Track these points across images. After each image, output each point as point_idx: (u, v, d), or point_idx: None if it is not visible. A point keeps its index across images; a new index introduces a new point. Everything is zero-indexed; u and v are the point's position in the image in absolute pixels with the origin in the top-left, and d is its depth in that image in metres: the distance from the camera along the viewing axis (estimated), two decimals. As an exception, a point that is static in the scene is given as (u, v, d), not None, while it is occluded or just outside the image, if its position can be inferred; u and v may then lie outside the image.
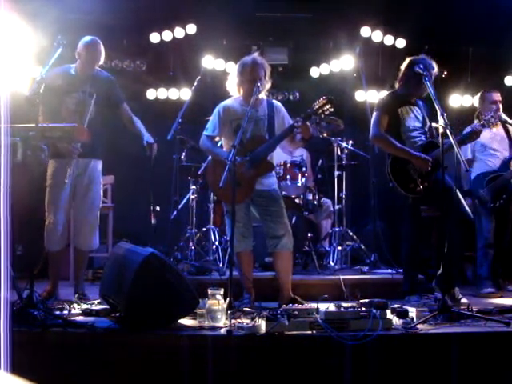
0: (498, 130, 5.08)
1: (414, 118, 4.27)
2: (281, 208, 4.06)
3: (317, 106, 3.97)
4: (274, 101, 4.29)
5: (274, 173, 4.24)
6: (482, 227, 4.96)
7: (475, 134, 4.23)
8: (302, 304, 3.41)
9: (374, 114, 4.29)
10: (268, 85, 4.13)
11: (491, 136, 5.04)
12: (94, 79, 4.13)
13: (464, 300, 4.05)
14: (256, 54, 4.20)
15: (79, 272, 4.22)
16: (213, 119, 4.19)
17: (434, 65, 4.25)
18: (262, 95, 4.15)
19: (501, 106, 5.00)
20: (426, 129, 4.29)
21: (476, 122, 5.00)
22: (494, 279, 4.91)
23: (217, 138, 4.27)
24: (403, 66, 4.31)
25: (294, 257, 4.58)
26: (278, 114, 4.15)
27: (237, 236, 3.95)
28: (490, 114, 4.40)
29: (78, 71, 4.11)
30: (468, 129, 4.47)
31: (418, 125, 4.28)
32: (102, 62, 4.21)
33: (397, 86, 4.36)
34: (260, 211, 4.07)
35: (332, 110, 3.98)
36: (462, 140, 4.24)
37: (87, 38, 4.12)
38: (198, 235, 5.55)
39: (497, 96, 5.02)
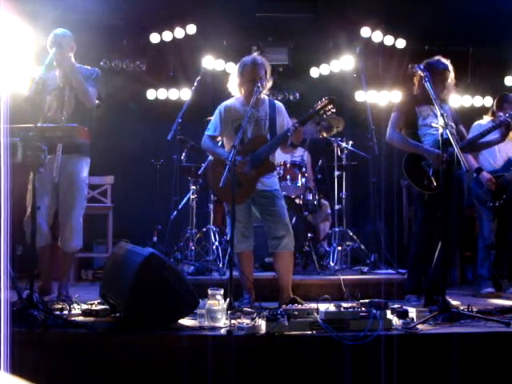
0: None
1: (433, 116, 4.15)
2: (282, 208, 4.06)
3: (319, 107, 3.97)
4: (276, 101, 4.28)
5: (275, 173, 4.24)
6: (483, 227, 4.97)
7: (508, 127, 4.14)
8: (302, 304, 3.41)
9: (392, 114, 4.31)
10: (269, 84, 4.12)
11: None
12: (71, 74, 4.02)
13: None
14: (256, 54, 4.19)
15: (63, 272, 4.15)
16: (214, 119, 4.19)
17: (446, 64, 4.21)
18: (264, 95, 4.15)
19: None
20: (448, 128, 4.18)
21: (489, 118, 5.01)
22: (496, 280, 4.92)
23: (218, 138, 4.27)
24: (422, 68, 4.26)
25: (294, 257, 4.58)
26: (279, 114, 4.15)
27: (237, 236, 3.95)
28: None
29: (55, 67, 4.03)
30: (489, 124, 4.44)
31: (436, 122, 4.15)
32: (71, 53, 4.06)
33: (416, 90, 4.31)
34: (261, 211, 4.07)
35: (334, 110, 3.99)
36: (487, 132, 4.19)
37: (55, 31, 4.01)
38: (198, 235, 5.55)
39: None
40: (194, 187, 5.66)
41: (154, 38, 6.53)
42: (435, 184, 4.04)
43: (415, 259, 4.26)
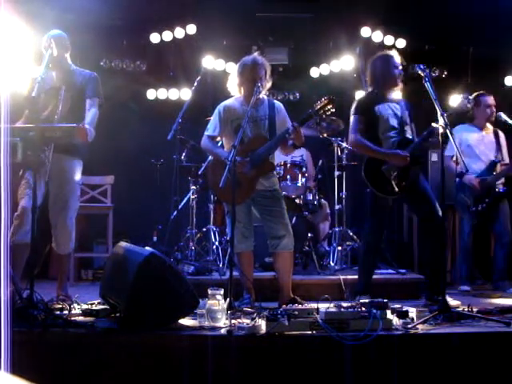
0: (488, 133, 5.13)
1: (392, 115, 4.18)
2: (282, 208, 4.07)
3: (318, 107, 3.98)
4: (275, 101, 4.28)
5: (275, 173, 4.24)
6: (463, 230, 5.04)
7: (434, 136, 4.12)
8: (302, 304, 3.41)
9: (352, 118, 4.25)
10: (268, 84, 4.13)
11: (479, 138, 5.09)
12: (67, 75, 4.04)
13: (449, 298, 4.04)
14: (256, 54, 4.19)
15: (60, 272, 4.13)
16: (213, 119, 4.19)
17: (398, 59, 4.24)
18: (263, 95, 4.15)
19: (495, 110, 5.08)
20: (406, 128, 4.20)
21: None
22: (472, 279, 5.05)
23: (218, 138, 4.27)
24: (370, 66, 4.28)
25: (294, 257, 4.58)
26: (278, 114, 4.15)
27: (237, 236, 3.96)
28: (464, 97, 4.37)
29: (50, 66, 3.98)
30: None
31: (397, 122, 4.19)
32: (67, 54, 4.07)
33: (369, 87, 4.32)
34: (261, 211, 4.08)
35: (333, 110, 3.99)
36: (427, 136, 4.15)
37: (50, 32, 4.01)
38: (198, 235, 5.56)
39: (491, 100, 5.11)
40: (194, 187, 5.66)
41: (154, 37, 6.53)
42: (397, 189, 4.05)
43: (365, 258, 4.25)
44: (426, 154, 5.55)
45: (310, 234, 5.28)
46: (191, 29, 6.54)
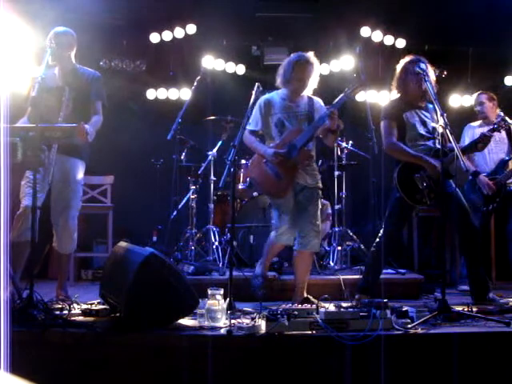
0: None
1: (420, 122, 4.15)
2: (316, 208, 4.07)
3: (350, 91, 4.04)
4: (315, 98, 4.26)
5: (315, 167, 4.21)
6: None
7: (486, 140, 4.14)
8: (315, 303, 3.41)
9: (383, 123, 4.21)
10: (313, 85, 4.16)
11: None
12: (71, 74, 4.06)
13: (496, 297, 4.11)
14: (311, 54, 4.13)
15: (59, 272, 4.15)
16: (255, 113, 4.15)
17: (427, 64, 4.14)
18: (306, 92, 4.17)
19: (489, 105, 5.12)
20: (436, 134, 4.13)
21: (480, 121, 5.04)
22: None
23: (260, 132, 4.25)
24: (398, 70, 4.23)
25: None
26: (317, 109, 4.15)
27: (282, 227, 4.01)
28: (501, 118, 4.38)
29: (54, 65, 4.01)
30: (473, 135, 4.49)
31: (425, 129, 4.16)
32: (71, 53, 4.07)
33: (396, 91, 4.28)
34: (297, 207, 4.07)
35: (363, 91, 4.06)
36: (473, 146, 4.17)
37: (56, 29, 4.01)
38: (198, 235, 5.55)
39: (483, 98, 5.19)
40: (194, 187, 5.66)
41: (154, 37, 6.53)
42: (426, 199, 4.03)
43: (376, 259, 4.22)
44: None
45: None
46: (191, 29, 6.54)
